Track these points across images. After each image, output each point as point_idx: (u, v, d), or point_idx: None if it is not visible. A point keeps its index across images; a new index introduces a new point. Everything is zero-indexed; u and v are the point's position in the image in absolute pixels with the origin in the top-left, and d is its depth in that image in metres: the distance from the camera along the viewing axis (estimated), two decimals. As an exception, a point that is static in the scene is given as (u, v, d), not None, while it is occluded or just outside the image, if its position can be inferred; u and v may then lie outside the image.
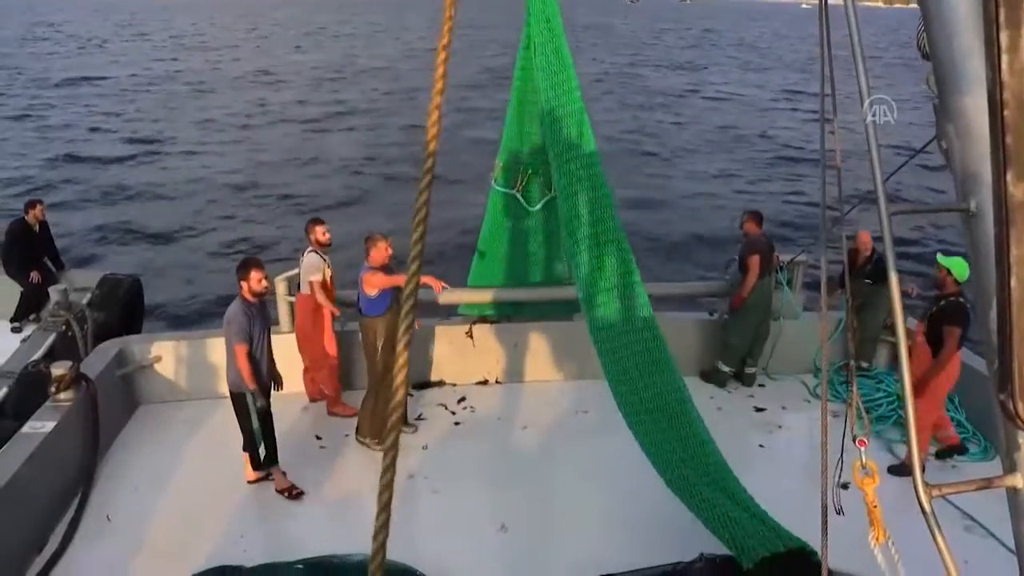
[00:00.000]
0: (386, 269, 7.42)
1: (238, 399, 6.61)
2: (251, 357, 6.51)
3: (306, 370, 8.23)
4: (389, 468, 2.05)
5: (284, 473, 6.85)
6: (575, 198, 6.51)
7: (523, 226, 8.50)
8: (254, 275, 6.55)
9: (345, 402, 8.21)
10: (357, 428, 7.63)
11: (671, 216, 23.59)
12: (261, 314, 6.71)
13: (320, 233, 7.93)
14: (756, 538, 5.26)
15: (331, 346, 8.19)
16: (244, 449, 6.79)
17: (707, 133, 36.55)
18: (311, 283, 7.82)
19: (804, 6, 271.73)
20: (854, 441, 3.13)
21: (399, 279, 7.35)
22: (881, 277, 8.53)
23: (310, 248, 7.95)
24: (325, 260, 7.92)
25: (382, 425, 7.50)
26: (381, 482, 2.03)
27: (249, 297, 6.59)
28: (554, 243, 8.43)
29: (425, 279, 7.32)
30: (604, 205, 6.48)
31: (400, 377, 2.10)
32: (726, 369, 8.87)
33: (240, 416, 6.65)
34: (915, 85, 37.53)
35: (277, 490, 6.76)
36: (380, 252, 7.37)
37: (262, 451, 6.69)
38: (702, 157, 31.71)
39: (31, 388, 7.07)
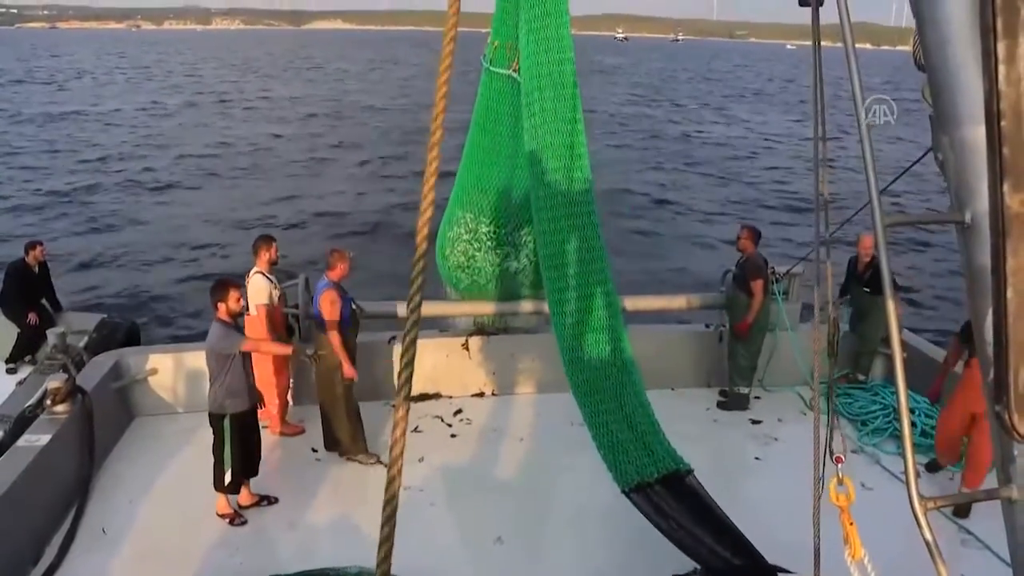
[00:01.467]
0: (340, 286, 7.34)
1: (216, 421, 6.48)
2: (244, 369, 6.48)
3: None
4: (395, 478, 2.05)
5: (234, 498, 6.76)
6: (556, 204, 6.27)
7: (521, 110, 7.54)
8: (233, 294, 6.45)
9: (290, 420, 8.10)
10: (344, 452, 7.52)
11: (665, 224, 23.65)
12: (239, 333, 6.60)
13: (273, 252, 7.80)
14: (634, 464, 5.51)
15: (280, 370, 7.94)
16: (216, 488, 6.58)
17: (704, 156, 36.69)
18: (258, 308, 7.65)
19: (789, 47, 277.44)
20: (830, 457, 3.13)
21: (333, 327, 7.13)
22: (879, 286, 8.49)
23: (256, 269, 7.77)
24: (272, 281, 7.81)
25: (361, 438, 7.50)
26: (386, 493, 2.02)
27: (227, 318, 6.45)
28: None
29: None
30: (590, 227, 6.28)
31: (403, 392, 2.10)
32: (745, 391, 8.76)
33: (215, 438, 6.51)
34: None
35: (218, 513, 6.58)
36: (345, 267, 7.28)
37: (228, 476, 6.49)
38: (696, 176, 31.89)
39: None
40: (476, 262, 8.19)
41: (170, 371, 8.31)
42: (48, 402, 6.90)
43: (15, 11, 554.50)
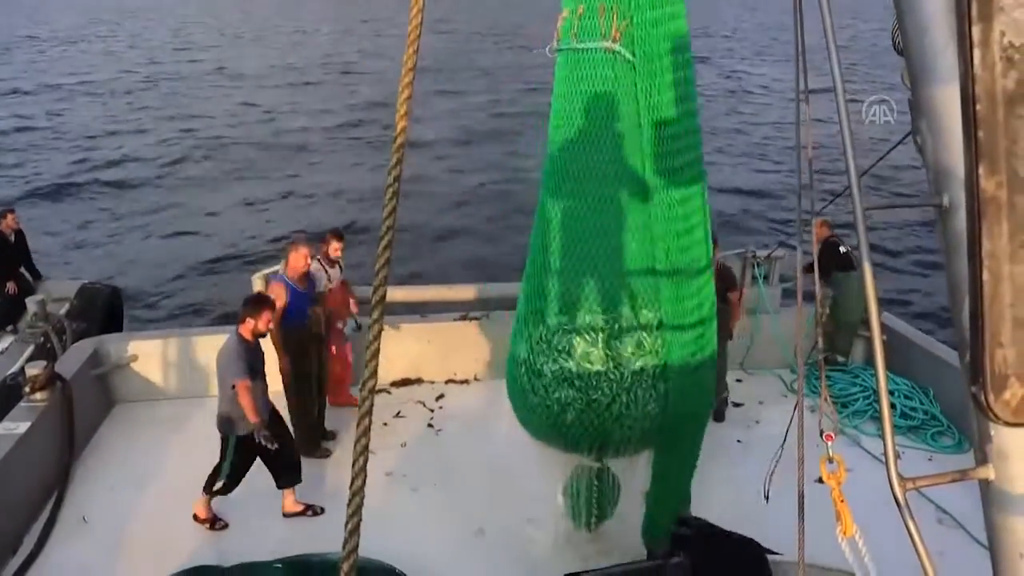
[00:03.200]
0: (305, 278, 7.32)
1: (224, 440, 6.24)
2: (253, 393, 6.10)
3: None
4: (360, 473, 2.07)
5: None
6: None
7: (628, 91, 4.83)
8: (265, 316, 6.21)
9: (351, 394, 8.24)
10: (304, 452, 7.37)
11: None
12: (259, 351, 6.35)
13: (333, 249, 7.80)
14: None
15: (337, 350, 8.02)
16: (204, 489, 6.39)
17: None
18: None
19: None
20: (821, 436, 3.15)
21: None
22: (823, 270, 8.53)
23: (317, 256, 7.76)
24: (327, 273, 7.75)
25: (308, 438, 7.39)
26: (352, 487, 2.04)
27: (249, 337, 6.19)
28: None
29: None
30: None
31: (368, 385, 2.10)
32: (724, 394, 8.44)
33: (221, 456, 6.27)
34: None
35: (196, 516, 6.40)
36: (298, 260, 7.19)
37: (219, 484, 6.29)
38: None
39: (10, 401, 7.00)
40: (591, 363, 4.97)
41: (150, 357, 8.27)
42: (27, 390, 6.85)
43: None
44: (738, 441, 7.86)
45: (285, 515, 6.55)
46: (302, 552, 5.76)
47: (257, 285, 8.24)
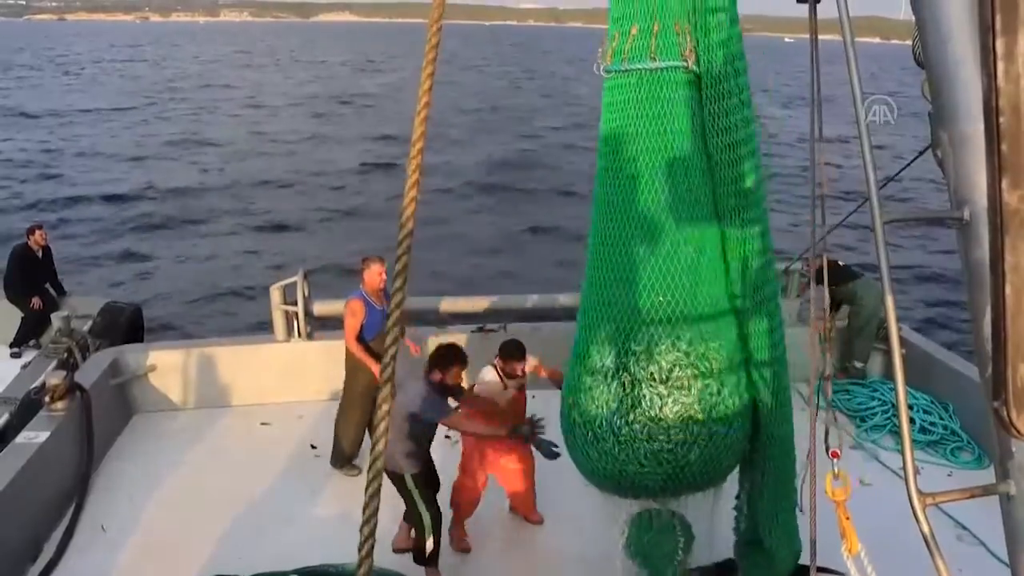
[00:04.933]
0: (382, 294, 7.17)
1: (399, 481, 5.76)
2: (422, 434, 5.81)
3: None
4: (375, 478, 2.07)
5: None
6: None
7: (698, 112, 4.53)
8: (455, 370, 5.78)
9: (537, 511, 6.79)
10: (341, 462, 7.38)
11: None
12: (446, 401, 5.85)
13: (513, 368, 6.17)
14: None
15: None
16: (406, 519, 6.13)
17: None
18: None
19: (787, 39, 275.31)
20: (827, 452, 3.14)
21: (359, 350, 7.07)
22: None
23: (495, 364, 6.31)
24: (505, 383, 6.23)
25: (342, 453, 7.36)
26: (368, 490, 2.04)
27: (438, 384, 5.75)
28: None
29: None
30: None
31: (385, 390, 2.11)
32: None
33: (405, 500, 5.81)
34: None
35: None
36: (372, 276, 7.04)
37: (429, 543, 5.78)
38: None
39: (32, 414, 7.06)
40: (712, 394, 4.62)
41: (169, 368, 8.32)
42: (47, 399, 6.90)
43: (23, 3, 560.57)
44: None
45: (395, 550, 6.16)
46: (319, 562, 5.76)
47: (275, 296, 8.26)
